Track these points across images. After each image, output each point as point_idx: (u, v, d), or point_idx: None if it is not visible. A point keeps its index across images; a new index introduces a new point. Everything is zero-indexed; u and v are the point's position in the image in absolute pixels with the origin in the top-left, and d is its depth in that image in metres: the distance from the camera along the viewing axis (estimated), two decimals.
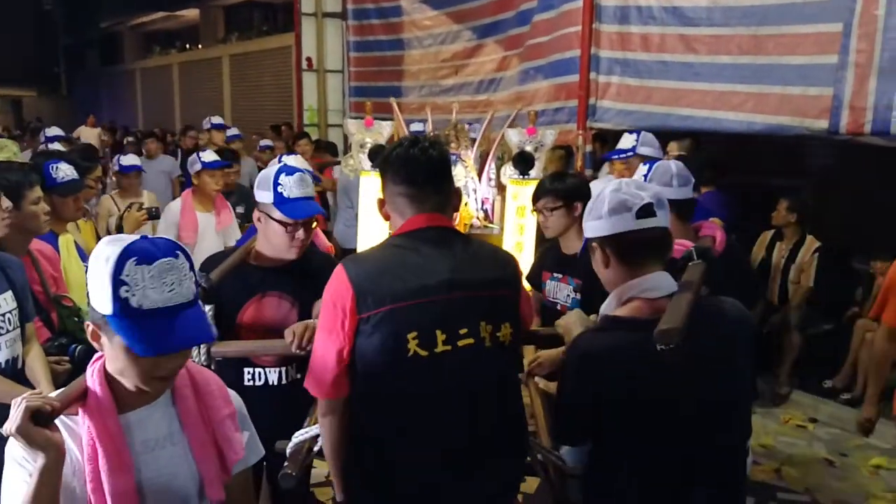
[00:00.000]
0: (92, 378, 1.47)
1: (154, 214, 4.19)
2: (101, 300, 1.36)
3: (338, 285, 1.80)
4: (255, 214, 2.51)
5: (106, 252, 1.37)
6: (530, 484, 3.96)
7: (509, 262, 1.98)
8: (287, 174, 2.44)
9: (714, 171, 4.86)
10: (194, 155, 4.61)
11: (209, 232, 4.44)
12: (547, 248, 3.36)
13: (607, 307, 1.83)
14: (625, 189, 1.78)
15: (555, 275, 3.15)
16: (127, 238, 1.40)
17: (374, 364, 1.76)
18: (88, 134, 12.39)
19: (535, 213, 3.20)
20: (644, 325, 1.62)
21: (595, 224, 1.81)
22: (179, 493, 1.53)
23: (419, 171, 1.85)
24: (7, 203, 2.44)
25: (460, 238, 1.91)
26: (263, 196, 2.44)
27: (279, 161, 3.64)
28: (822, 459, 4.51)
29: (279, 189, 2.41)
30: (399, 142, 1.94)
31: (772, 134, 4.83)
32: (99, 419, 1.43)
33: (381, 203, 1.95)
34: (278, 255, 2.49)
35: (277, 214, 2.41)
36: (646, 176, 2.66)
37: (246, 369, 2.51)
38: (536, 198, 3.10)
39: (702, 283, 1.95)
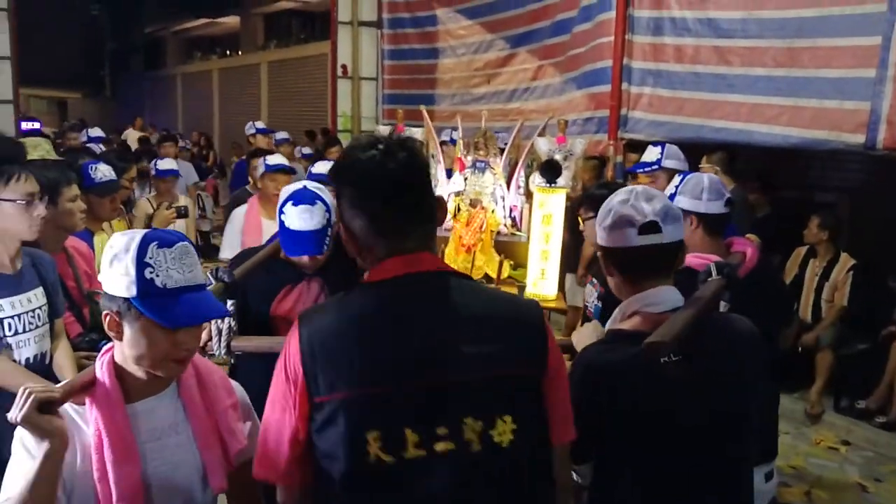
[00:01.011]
0: (101, 370, 1.52)
1: (183, 213, 4.25)
2: (122, 285, 1.46)
3: (290, 348, 1.39)
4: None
5: (124, 241, 1.49)
6: None
7: (530, 323, 1.45)
8: (294, 203, 2.34)
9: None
10: (260, 158, 4.56)
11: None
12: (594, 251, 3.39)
13: (612, 321, 1.81)
14: (632, 201, 1.72)
15: (592, 279, 3.18)
16: (139, 230, 1.53)
17: (329, 465, 1.36)
18: (135, 136, 12.58)
19: (580, 219, 3.22)
20: (645, 338, 1.59)
21: (600, 233, 1.78)
22: (183, 482, 1.56)
23: (388, 187, 1.38)
24: (41, 210, 2.46)
25: (456, 287, 1.42)
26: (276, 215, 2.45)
27: (308, 173, 3.67)
28: (854, 484, 4.38)
29: (282, 217, 2.36)
30: (355, 142, 1.48)
31: (807, 148, 4.75)
32: (106, 410, 1.48)
33: (346, 234, 1.45)
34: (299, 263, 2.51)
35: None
36: (677, 187, 2.61)
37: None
38: (578, 206, 3.15)
39: (715, 299, 1.91)
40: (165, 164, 5.20)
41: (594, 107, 6.20)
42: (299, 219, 2.32)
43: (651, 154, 3.91)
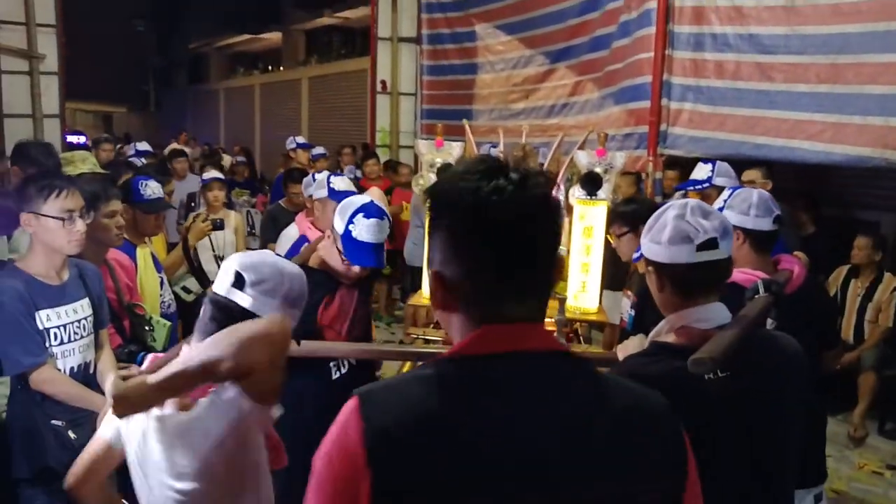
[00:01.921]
0: None
1: (218, 225, 4.30)
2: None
3: (349, 437, 1.04)
4: (327, 231, 2.60)
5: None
6: None
7: (666, 424, 1.22)
8: (365, 216, 2.46)
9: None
10: (309, 177, 4.29)
11: None
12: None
13: (656, 333, 1.79)
14: (689, 216, 1.70)
15: (629, 292, 3.20)
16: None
17: None
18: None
19: (610, 237, 3.23)
20: (691, 353, 1.59)
21: (653, 248, 1.75)
22: None
23: (512, 233, 1.07)
24: (81, 226, 2.51)
25: (572, 376, 1.13)
26: (337, 223, 2.51)
27: (328, 181, 3.72)
28: None
29: (351, 227, 2.46)
30: (470, 164, 1.13)
31: (850, 165, 4.69)
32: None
33: (435, 283, 1.13)
34: (340, 273, 2.59)
35: (340, 248, 2.50)
36: (725, 201, 2.61)
37: (331, 364, 2.57)
38: (609, 223, 3.16)
39: (762, 316, 1.91)
40: (211, 174, 5.30)
41: (633, 122, 6.19)
42: (369, 231, 2.44)
43: (701, 171, 3.87)
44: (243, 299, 1.58)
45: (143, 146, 7.58)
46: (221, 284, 1.62)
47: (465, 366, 1.09)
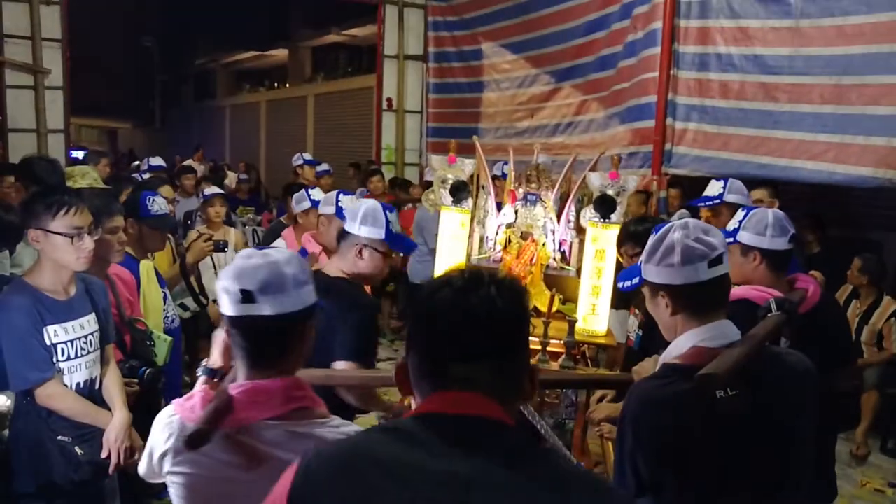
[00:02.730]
0: None
1: (220, 247, 4.28)
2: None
3: (280, 485, 1.15)
4: (356, 248, 2.72)
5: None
6: None
7: None
8: (391, 211, 2.81)
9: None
10: (303, 192, 4.48)
11: None
12: None
13: (667, 355, 1.80)
14: (693, 235, 1.72)
15: (636, 311, 3.21)
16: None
17: None
18: (197, 168, 12.58)
19: (619, 257, 3.24)
20: None
21: (664, 272, 1.74)
22: None
23: (475, 339, 1.15)
24: (88, 243, 2.51)
25: (504, 447, 1.10)
26: (373, 232, 2.70)
27: (337, 199, 3.74)
28: None
29: (389, 224, 2.72)
30: (445, 278, 1.21)
31: (852, 185, 4.72)
32: None
33: (399, 371, 1.24)
34: (375, 277, 2.85)
35: (385, 248, 2.75)
36: (741, 222, 2.63)
37: None
38: (620, 242, 3.17)
39: (774, 335, 1.93)
40: (212, 190, 5.34)
41: (638, 142, 6.23)
42: (397, 224, 2.80)
43: (713, 188, 3.88)
44: (262, 309, 1.53)
45: (157, 161, 7.58)
46: (230, 306, 1.56)
47: (400, 426, 1.15)
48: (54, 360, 2.49)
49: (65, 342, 2.53)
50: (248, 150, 19.52)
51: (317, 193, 4.45)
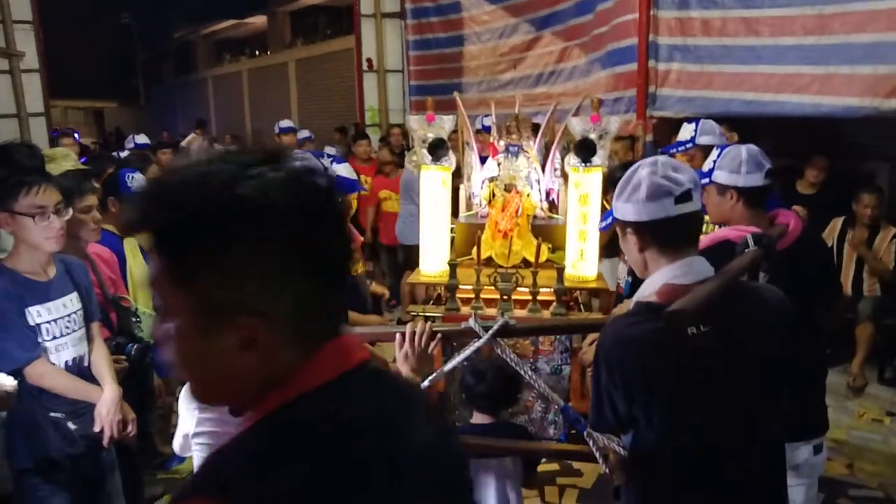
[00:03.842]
0: None
1: None
2: None
3: None
4: None
5: None
6: (587, 478, 3.93)
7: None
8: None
9: None
10: (324, 161, 4.47)
11: None
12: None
13: (641, 293, 1.79)
14: (661, 171, 1.71)
15: (625, 257, 3.19)
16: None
17: None
18: (198, 144, 11.91)
19: (606, 203, 3.21)
20: None
21: (630, 208, 1.74)
22: None
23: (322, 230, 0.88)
24: (56, 222, 2.49)
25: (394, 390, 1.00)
26: None
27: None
28: None
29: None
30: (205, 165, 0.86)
31: (839, 116, 4.66)
32: None
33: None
34: None
35: None
36: (715, 161, 2.59)
37: None
38: (605, 190, 3.14)
39: (750, 270, 1.90)
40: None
41: (622, 86, 6.14)
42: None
43: (685, 132, 3.84)
44: None
45: (142, 139, 7.49)
46: None
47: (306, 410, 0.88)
48: (39, 340, 2.51)
49: (48, 322, 2.54)
50: (233, 120, 19.36)
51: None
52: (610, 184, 3.14)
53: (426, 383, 2.22)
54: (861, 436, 4.53)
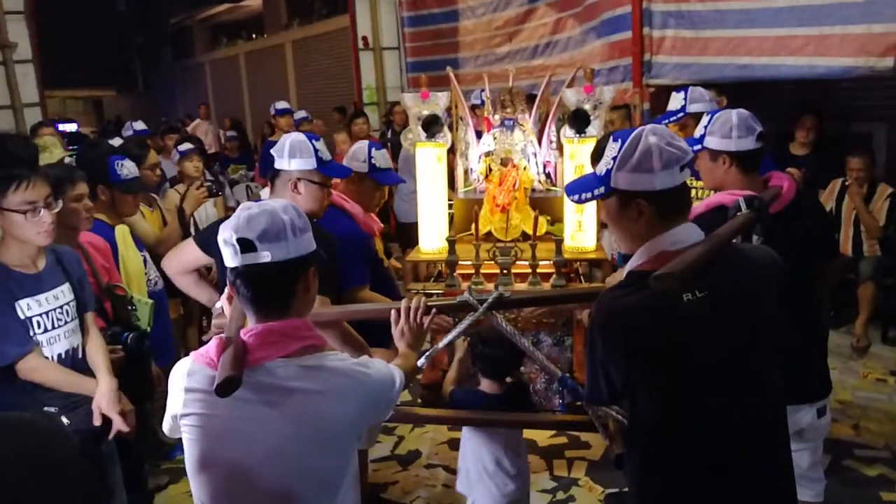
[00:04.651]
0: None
1: (214, 192, 4.25)
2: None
3: None
4: (290, 183, 2.70)
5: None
6: (595, 450, 3.98)
7: None
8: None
9: None
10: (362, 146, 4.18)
11: None
12: None
13: (633, 262, 1.78)
14: (667, 139, 1.70)
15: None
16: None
17: None
18: (205, 128, 11.82)
19: (578, 173, 3.21)
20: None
21: (642, 178, 1.69)
22: None
23: None
24: (46, 217, 2.44)
25: None
26: (304, 163, 2.68)
27: (370, 156, 3.52)
28: None
29: (319, 154, 2.70)
30: None
31: (834, 76, 4.65)
32: None
33: None
34: (316, 212, 2.78)
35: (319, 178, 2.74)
36: (706, 127, 2.59)
37: None
38: (595, 158, 3.13)
39: (741, 232, 1.92)
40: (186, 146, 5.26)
41: (617, 55, 6.12)
42: (326, 152, 2.76)
43: (675, 101, 3.78)
44: (262, 256, 1.57)
45: (140, 126, 7.39)
46: (232, 258, 1.60)
47: None
48: (31, 333, 2.47)
49: (39, 315, 2.50)
50: (232, 104, 19.29)
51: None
52: (598, 154, 3.09)
53: (423, 360, 2.26)
54: (866, 396, 4.56)
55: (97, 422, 2.53)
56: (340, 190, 3.22)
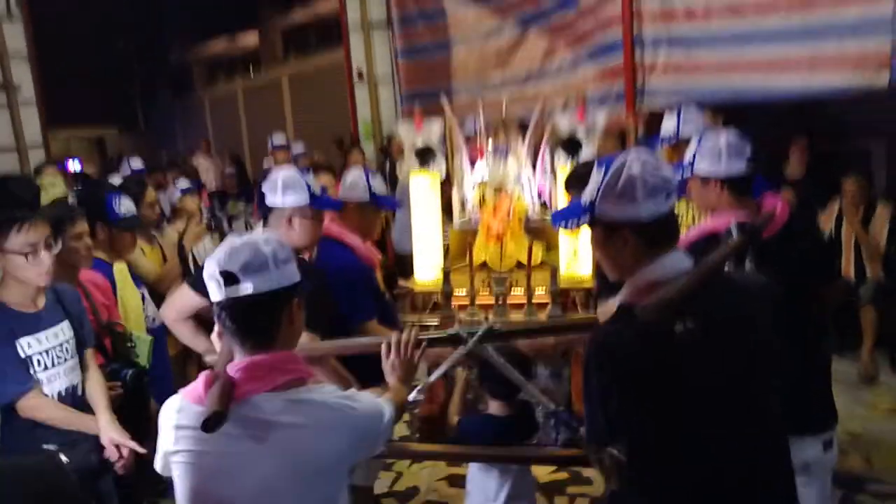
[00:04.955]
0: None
1: (213, 227, 4.26)
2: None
3: None
4: (284, 220, 2.67)
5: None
6: (597, 486, 3.86)
7: None
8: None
9: None
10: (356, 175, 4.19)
11: None
12: None
13: (623, 294, 1.73)
14: (652, 168, 1.65)
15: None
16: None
17: None
18: (206, 164, 11.52)
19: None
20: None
21: (627, 207, 1.65)
22: None
23: None
24: (46, 258, 2.44)
25: None
26: (297, 199, 2.66)
27: (368, 183, 3.51)
28: None
29: (311, 189, 2.69)
30: None
31: (829, 94, 4.62)
32: None
33: None
34: (309, 247, 2.83)
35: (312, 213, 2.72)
36: (694, 153, 2.53)
37: None
38: (569, 185, 3.09)
39: (731, 259, 1.87)
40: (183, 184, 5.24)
41: (610, 80, 6.11)
42: (316, 185, 2.77)
43: (668, 125, 3.78)
44: (245, 288, 1.57)
45: (137, 164, 7.36)
46: (217, 292, 1.61)
47: None
48: (31, 371, 2.47)
49: (40, 353, 2.50)
50: (230, 140, 19.37)
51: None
52: (576, 180, 3.01)
53: (415, 394, 2.20)
54: (877, 428, 4.38)
55: (110, 455, 2.51)
56: (339, 222, 3.18)
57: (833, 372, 2.68)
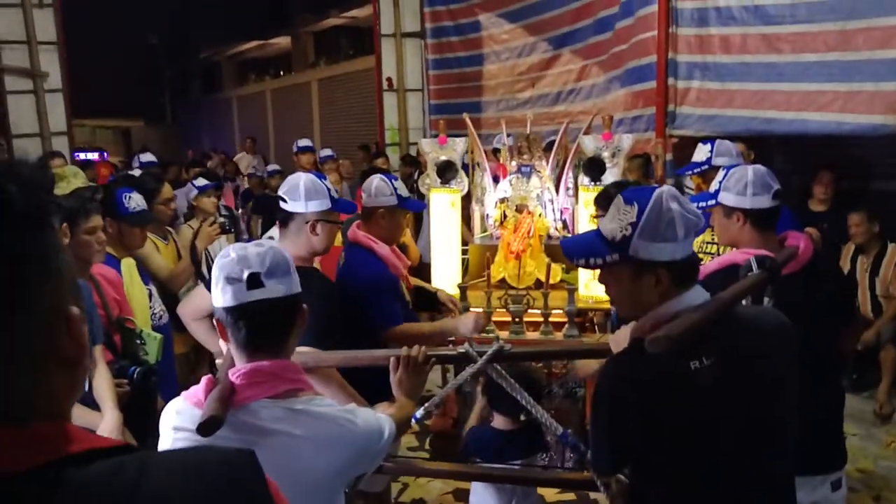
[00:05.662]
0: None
1: (226, 228, 4.22)
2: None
3: None
4: (307, 226, 2.60)
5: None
6: None
7: None
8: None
9: None
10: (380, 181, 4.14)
11: None
12: None
13: (642, 329, 1.66)
14: (686, 206, 1.62)
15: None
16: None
17: None
18: (247, 161, 11.85)
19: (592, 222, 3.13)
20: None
21: (666, 247, 1.60)
22: None
23: None
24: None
25: None
26: (320, 204, 2.60)
27: (394, 187, 3.48)
28: None
29: (331, 193, 2.65)
30: None
31: (862, 134, 4.55)
32: None
33: None
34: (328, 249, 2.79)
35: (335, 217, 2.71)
36: (721, 182, 2.50)
37: None
38: (599, 206, 3.07)
39: (749, 294, 1.84)
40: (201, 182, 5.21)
41: (641, 104, 6.07)
42: (335, 189, 2.75)
43: (701, 153, 3.70)
44: (272, 291, 1.56)
45: (148, 157, 7.24)
46: (234, 295, 1.56)
47: None
48: None
49: None
50: (257, 140, 19.51)
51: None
52: (606, 200, 2.98)
53: (421, 411, 2.17)
54: (889, 466, 4.34)
55: None
56: (365, 229, 3.14)
57: (848, 409, 2.64)
